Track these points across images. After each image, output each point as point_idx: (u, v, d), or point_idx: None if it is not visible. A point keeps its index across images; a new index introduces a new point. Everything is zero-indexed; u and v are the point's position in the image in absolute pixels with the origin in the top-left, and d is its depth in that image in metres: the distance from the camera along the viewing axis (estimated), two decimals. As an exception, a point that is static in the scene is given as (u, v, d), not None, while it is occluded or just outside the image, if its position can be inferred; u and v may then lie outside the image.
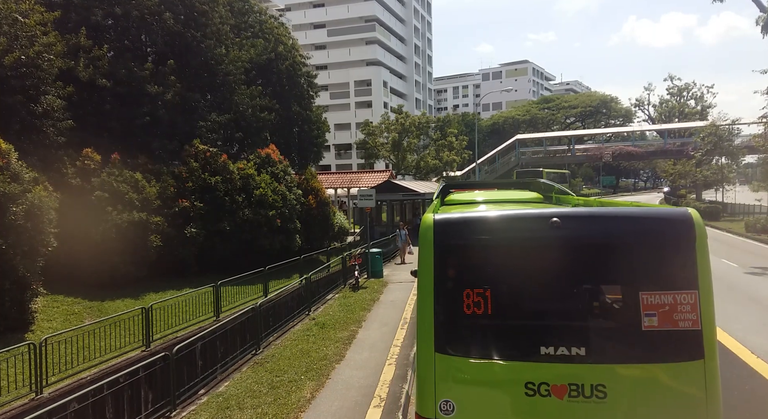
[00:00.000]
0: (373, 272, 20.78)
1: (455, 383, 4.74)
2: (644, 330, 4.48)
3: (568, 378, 4.50)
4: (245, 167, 24.49)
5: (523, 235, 4.90)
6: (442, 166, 49.29)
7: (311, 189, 28.43)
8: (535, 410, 4.55)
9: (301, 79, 30.50)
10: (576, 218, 5.06)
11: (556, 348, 4.54)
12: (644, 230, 4.82)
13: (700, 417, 4.45)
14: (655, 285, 4.52)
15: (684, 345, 4.50)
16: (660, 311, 4.49)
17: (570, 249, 4.79)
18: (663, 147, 62.27)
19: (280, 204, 24.81)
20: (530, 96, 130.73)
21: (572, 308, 4.82)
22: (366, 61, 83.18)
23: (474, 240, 4.95)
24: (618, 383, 4.49)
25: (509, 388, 4.65)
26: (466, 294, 4.68)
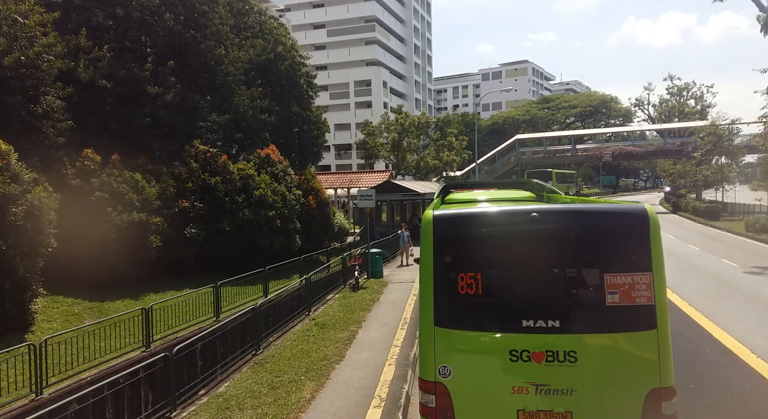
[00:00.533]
0: (373, 273, 20.79)
1: (451, 351, 5.75)
2: (608, 305, 5.48)
3: (545, 346, 5.51)
4: (245, 168, 24.50)
5: (508, 227, 5.92)
6: (442, 166, 49.32)
7: (311, 189, 28.45)
8: (518, 372, 5.57)
9: (301, 80, 30.49)
10: (552, 213, 6.09)
11: (535, 322, 5.56)
12: (608, 222, 5.89)
13: (654, 377, 5.55)
14: (616, 268, 5.51)
15: (640, 318, 5.52)
16: (620, 290, 5.50)
17: (547, 239, 5.77)
18: (663, 147, 62.28)
19: (279, 205, 24.83)
20: (530, 96, 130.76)
21: (549, 288, 5.88)
22: (366, 61, 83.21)
23: (466, 232, 5.96)
24: (586, 349, 5.51)
25: (496, 355, 5.66)
26: (460, 278, 5.69)
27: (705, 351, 10.88)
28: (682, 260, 23.40)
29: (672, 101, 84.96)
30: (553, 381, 5.60)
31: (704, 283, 18.14)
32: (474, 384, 5.80)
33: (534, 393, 5.63)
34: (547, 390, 5.62)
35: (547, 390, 5.62)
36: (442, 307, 5.80)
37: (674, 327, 12.46)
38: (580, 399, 5.59)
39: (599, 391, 5.61)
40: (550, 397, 5.63)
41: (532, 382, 5.63)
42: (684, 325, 12.93)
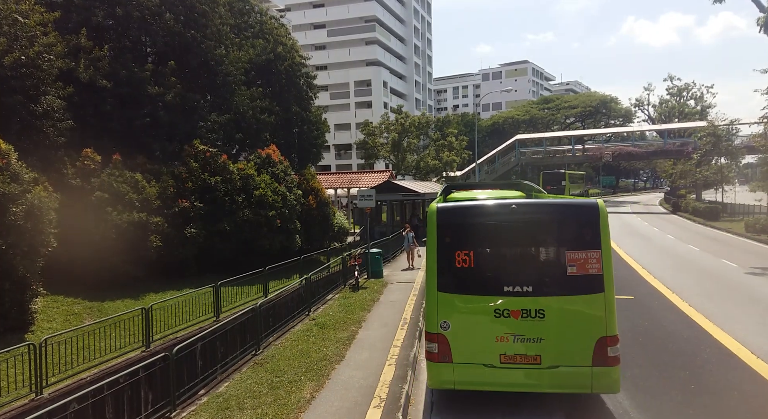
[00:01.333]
0: (373, 273, 20.78)
1: (450, 310, 7.82)
2: (568, 275, 7.53)
3: (521, 305, 7.56)
4: (245, 168, 24.50)
5: (493, 216, 8.12)
6: (442, 166, 49.32)
7: (311, 189, 28.45)
8: (500, 326, 7.62)
9: (301, 80, 30.49)
10: (527, 205, 8.28)
11: (513, 287, 7.62)
12: (568, 212, 8.11)
13: (602, 328, 7.45)
14: (574, 247, 7.56)
15: (592, 284, 7.49)
16: (577, 263, 7.51)
17: (523, 225, 7.93)
18: (663, 147, 62.30)
19: (280, 204, 24.83)
20: (530, 96, 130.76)
21: (524, 262, 7.99)
22: (366, 61, 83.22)
23: (462, 220, 8.10)
24: (552, 308, 7.55)
25: (484, 313, 7.69)
26: (457, 255, 7.78)
27: (705, 352, 10.88)
28: (682, 261, 23.41)
29: (672, 102, 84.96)
30: (527, 332, 7.58)
31: (704, 283, 18.14)
32: (467, 334, 7.81)
33: (512, 341, 7.63)
34: (522, 339, 7.60)
35: (522, 338, 7.60)
36: (443, 277, 7.85)
37: (674, 328, 12.54)
38: (547, 345, 7.56)
39: (561, 339, 7.57)
40: (525, 344, 7.60)
41: (511, 333, 7.62)
42: (684, 325, 12.93)
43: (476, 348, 7.82)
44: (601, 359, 7.48)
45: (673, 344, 11.48)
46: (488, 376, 7.79)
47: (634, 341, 11.64)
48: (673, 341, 11.69)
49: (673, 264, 22.47)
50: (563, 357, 7.61)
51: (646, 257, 24.47)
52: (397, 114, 50.32)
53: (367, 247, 21.20)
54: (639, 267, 21.54)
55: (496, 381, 7.84)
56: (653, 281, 18.58)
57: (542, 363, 7.61)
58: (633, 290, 17.26)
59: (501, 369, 7.72)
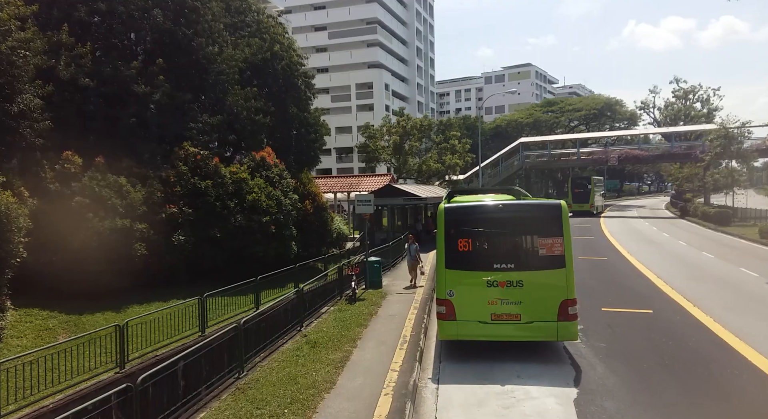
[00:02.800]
0: (372, 283, 19.58)
1: (454, 282, 10.65)
2: (540, 256, 10.53)
3: (506, 277, 10.47)
4: (238, 171, 23.35)
5: (486, 213, 11.33)
6: (445, 169, 48.11)
7: (308, 194, 27.30)
8: (491, 293, 10.47)
9: (299, 80, 29.33)
10: (510, 205, 11.49)
11: (500, 265, 10.58)
12: (540, 210, 11.38)
13: (564, 293, 10.32)
14: (544, 235, 10.54)
15: (556, 261, 10.36)
16: (546, 246, 10.49)
17: (507, 219, 11.03)
18: (670, 150, 60.92)
19: (274, 210, 23.68)
20: (533, 99, 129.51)
21: (508, 247, 10.84)
22: (367, 63, 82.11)
23: (463, 216, 11.19)
24: (528, 279, 10.44)
25: (479, 284, 10.54)
26: (459, 241, 10.76)
27: (742, 379, 9.65)
28: (698, 269, 22.14)
29: (678, 105, 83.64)
30: (510, 297, 10.39)
31: (725, 295, 16.89)
32: (466, 299, 10.58)
33: (500, 303, 10.44)
34: (507, 302, 10.41)
35: (507, 301, 10.41)
36: (449, 257, 10.69)
37: (703, 349, 11.28)
38: (525, 306, 10.36)
39: (535, 302, 10.37)
40: (509, 305, 10.41)
41: (499, 298, 10.43)
42: (713, 346, 11.68)
43: (473, 310, 10.58)
44: (564, 316, 10.26)
45: (703, 368, 10.24)
46: (482, 329, 10.59)
47: (661, 366, 10.42)
48: (703, 365, 10.44)
49: (690, 273, 21.22)
50: (536, 314, 10.38)
51: (660, 265, 23.21)
52: (398, 116, 49.15)
53: (366, 255, 20.00)
54: (654, 277, 20.30)
55: (488, 333, 10.64)
56: (671, 293, 17.32)
57: (521, 319, 10.41)
58: (650, 303, 16.02)
59: (491, 324, 10.52)
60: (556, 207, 10.68)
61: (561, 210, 10.54)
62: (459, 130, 57.42)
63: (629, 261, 24.89)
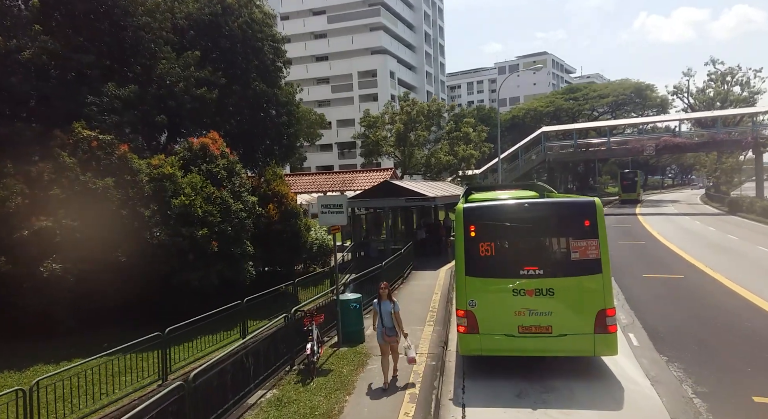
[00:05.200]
0: (347, 335, 12.41)
1: (476, 290, 9.85)
2: (572, 260, 9.58)
3: (535, 285, 9.60)
4: (161, 164, 16.25)
5: (510, 214, 10.28)
6: (458, 162, 40.69)
7: (273, 195, 20.17)
8: (518, 302, 9.63)
9: (264, 45, 22.13)
10: (538, 203, 10.71)
11: (528, 271, 9.67)
12: (572, 209, 10.27)
13: (600, 302, 9.39)
14: (577, 237, 9.57)
15: (592, 266, 9.45)
16: (579, 250, 9.55)
17: (535, 220, 10.07)
18: (715, 137, 52.95)
19: (216, 218, 16.59)
20: (550, 89, 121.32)
21: (536, 250, 9.96)
22: (371, 49, 74.79)
23: (484, 217, 10.18)
24: (560, 286, 9.57)
25: (504, 292, 9.73)
26: (480, 245, 9.89)
27: None
28: None
29: (716, 88, 75.46)
30: (540, 307, 9.56)
31: None
32: (490, 310, 9.79)
33: (528, 314, 9.59)
34: (536, 313, 9.58)
35: (536, 312, 9.58)
36: (470, 264, 9.88)
37: None
38: (556, 317, 9.52)
39: (568, 312, 9.51)
40: (538, 317, 9.57)
41: (526, 308, 9.60)
42: None
43: (498, 321, 9.69)
44: (601, 327, 9.32)
45: None
46: (509, 344, 9.65)
47: None
48: None
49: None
50: (570, 326, 9.44)
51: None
52: (402, 101, 41.78)
53: (336, 289, 12.75)
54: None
55: (515, 347, 9.68)
56: None
57: (553, 332, 9.46)
58: None
59: (519, 337, 9.58)
60: (590, 205, 9.71)
61: (595, 208, 9.59)
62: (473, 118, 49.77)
63: (717, 280, 17.64)
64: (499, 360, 10.32)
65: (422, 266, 23.09)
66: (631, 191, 67.73)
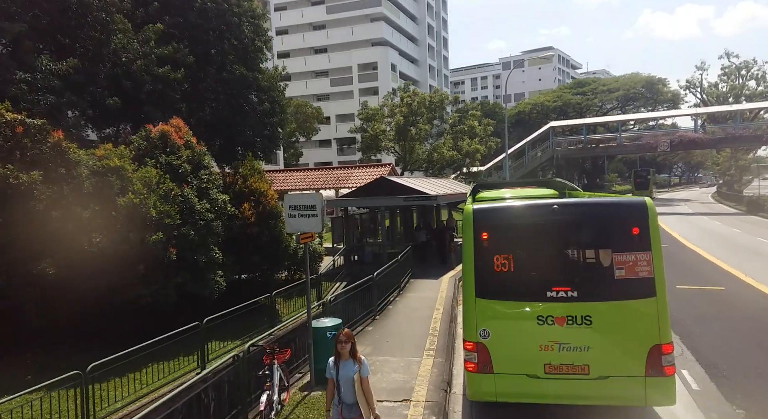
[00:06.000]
0: (322, 373, 9.65)
1: (489, 317, 7.49)
2: (616, 278, 7.16)
3: (566, 311, 7.21)
4: (107, 155, 13.52)
5: (534, 218, 7.77)
6: (462, 158, 37.88)
7: (250, 193, 17.43)
8: (544, 333, 7.22)
9: (242, 21, 19.32)
10: (569, 205, 7.99)
11: (557, 293, 7.26)
12: (615, 212, 7.64)
13: (654, 335, 7.00)
14: (622, 249, 7.19)
15: (643, 288, 7.10)
16: (626, 266, 7.15)
17: (566, 226, 7.60)
18: (734, 133, 50.09)
19: (176, 220, 13.91)
20: (555, 86, 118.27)
21: (568, 266, 7.54)
22: (371, 41, 71.82)
23: (501, 222, 7.81)
24: (599, 314, 7.16)
25: (526, 320, 7.33)
26: (495, 258, 7.46)
27: None
28: None
29: (730, 82, 72.51)
30: (573, 340, 7.14)
31: None
32: (508, 343, 7.40)
33: (557, 349, 7.17)
34: (568, 348, 7.14)
35: (568, 347, 7.14)
36: (482, 282, 7.52)
37: None
38: (596, 353, 7.09)
39: (611, 347, 7.11)
40: (571, 353, 7.14)
41: (555, 341, 7.18)
42: None
43: (518, 358, 7.41)
44: (656, 368, 7.01)
45: None
46: (532, 387, 7.33)
47: None
48: None
49: None
50: (614, 366, 7.14)
51: None
52: (402, 92, 38.97)
53: (309, 314, 9.94)
54: None
55: (540, 392, 7.36)
56: None
57: (591, 373, 7.15)
58: None
59: (546, 379, 7.28)
60: (640, 207, 7.27)
61: (647, 211, 7.19)
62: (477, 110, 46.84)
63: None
64: (519, 409, 8.10)
65: (422, 273, 20.36)
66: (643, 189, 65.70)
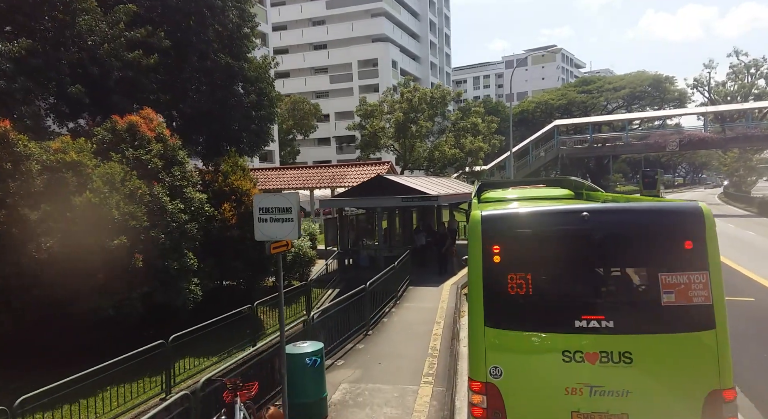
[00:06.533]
0: (298, 409, 8.01)
1: (502, 352, 5.78)
2: (663, 305, 5.43)
3: (599, 346, 5.49)
4: (64, 148, 11.93)
5: (558, 227, 5.95)
6: (464, 156, 36.25)
7: (232, 192, 15.83)
8: (571, 373, 5.53)
9: (227, 5, 17.64)
10: (603, 212, 6.15)
11: (588, 322, 5.52)
12: (662, 221, 5.83)
13: (713, 378, 5.34)
14: (671, 267, 5.46)
15: (698, 318, 5.40)
16: (676, 289, 5.44)
17: (599, 238, 5.71)
18: (747, 131, 48.43)
19: (143, 222, 12.33)
20: (559, 84, 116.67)
21: (601, 288, 5.83)
22: (372, 37, 70.26)
23: (516, 232, 5.97)
24: (642, 350, 5.46)
25: (549, 356, 5.65)
26: (509, 278, 5.73)
27: None
28: None
29: (739, 81, 70.89)
30: (608, 383, 5.50)
31: None
32: (526, 384, 5.75)
33: (588, 394, 5.55)
34: (602, 392, 5.52)
35: (602, 391, 5.51)
36: (493, 307, 5.83)
37: None
38: (637, 400, 5.47)
39: (656, 393, 5.50)
40: (605, 398, 5.51)
41: (586, 383, 5.55)
42: None
43: (539, 404, 5.73)
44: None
45: None
46: None
47: None
48: None
49: None
50: (660, 417, 5.46)
51: None
52: (402, 88, 37.33)
53: (282, 338, 8.28)
54: None
55: None
56: None
57: None
58: None
59: None
60: (694, 214, 5.50)
61: (703, 219, 5.44)
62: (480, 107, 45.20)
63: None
64: None
65: (421, 280, 18.77)
66: (651, 188, 63.50)
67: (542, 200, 8.38)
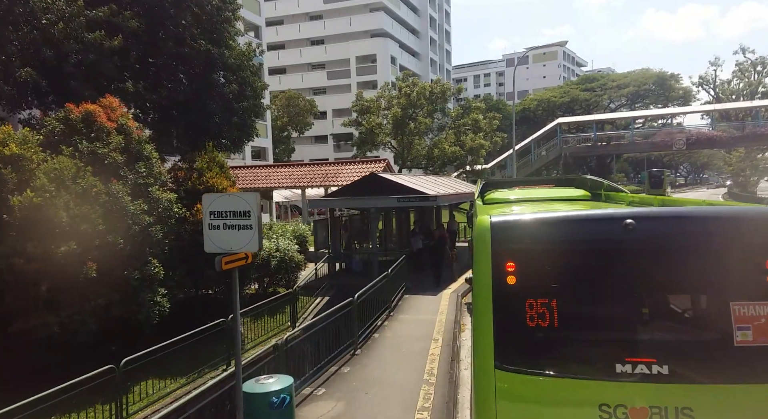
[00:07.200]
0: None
1: (519, 403, 4.34)
2: (737, 345, 4.04)
3: (649, 399, 4.09)
4: (4, 140, 10.32)
5: (593, 238, 4.48)
6: (465, 154, 34.64)
7: (207, 191, 14.17)
8: None
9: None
10: (654, 219, 4.56)
11: (634, 366, 4.11)
12: (734, 232, 4.26)
13: None
14: (748, 295, 4.05)
15: None
16: (755, 325, 4.02)
17: (648, 254, 4.29)
18: (756, 130, 46.83)
19: (98, 225, 10.74)
20: (560, 83, 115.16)
21: (652, 321, 4.28)
22: (370, 32, 68.60)
23: (537, 244, 4.48)
24: (707, 406, 4.05)
25: (581, 410, 4.22)
26: (528, 305, 4.30)
27: None
28: None
29: (745, 78, 69.34)
30: None
31: None
32: None
33: None
34: None
35: None
36: (506, 344, 4.35)
37: None
38: None
39: None
40: None
41: None
42: None
43: None
44: None
45: None
46: None
47: None
48: None
49: None
50: None
51: None
52: (400, 82, 35.71)
53: (237, 376, 6.67)
54: None
55: None
56: None
57: None
58: None
59: None
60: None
61: None
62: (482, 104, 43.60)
63: None
64: None
65: (418, 287, 17.17)
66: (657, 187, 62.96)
67: (556, 201, 7.21)
